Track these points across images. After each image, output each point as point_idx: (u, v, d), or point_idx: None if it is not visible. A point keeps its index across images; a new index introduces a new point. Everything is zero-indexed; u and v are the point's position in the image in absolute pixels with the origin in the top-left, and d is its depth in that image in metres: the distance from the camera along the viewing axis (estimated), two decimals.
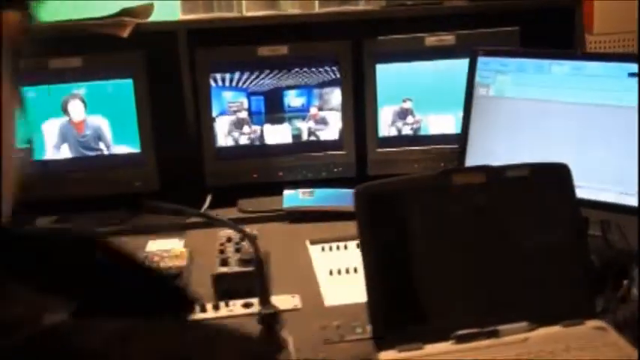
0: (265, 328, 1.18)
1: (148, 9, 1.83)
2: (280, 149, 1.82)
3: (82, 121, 1.74)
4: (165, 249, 1.61)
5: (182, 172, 1.82)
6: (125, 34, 1.61)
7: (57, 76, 1.71)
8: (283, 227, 1.71)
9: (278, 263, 1.52)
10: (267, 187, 1.82)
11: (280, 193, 1.80)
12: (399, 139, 1.80)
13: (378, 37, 1.74)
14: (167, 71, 1.76)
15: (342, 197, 1.75)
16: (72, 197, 1.78)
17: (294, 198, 1.78)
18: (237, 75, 1.76)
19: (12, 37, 0.48)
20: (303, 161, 1.82)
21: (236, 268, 1.38)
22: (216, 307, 1.33)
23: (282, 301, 1.33)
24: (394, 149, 1.81)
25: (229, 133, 1.80)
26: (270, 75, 1.77)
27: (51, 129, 1.74)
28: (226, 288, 1.36)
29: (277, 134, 1.81)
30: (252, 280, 1.29)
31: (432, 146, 1.78)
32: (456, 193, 1.18)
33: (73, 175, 1.77)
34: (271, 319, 1.20)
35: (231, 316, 1.30)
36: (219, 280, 1.37)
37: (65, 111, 1.73)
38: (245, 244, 1.49)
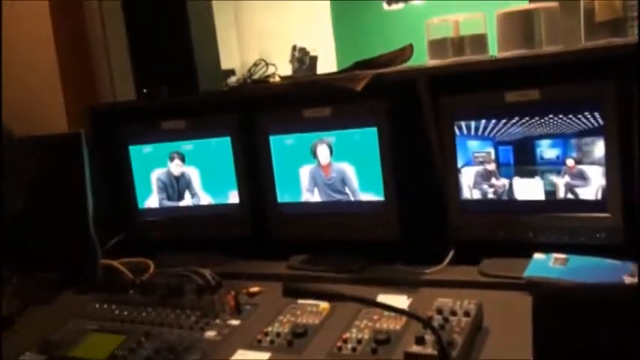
0: None
1: (404, 53, 1.78)
2: (531, 206, 1.59)
3: (328, 165, 1.79)
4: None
5: (424, 224, 1.73)
6: (359, 87, 1.59)
7: (309, 124, 1.79)
8: (521, 299, 1.49)
9: (492, 344, 1.35)
10: (516, 246, 1.62)
11: (530, 255, 1.59)
12: None
13: None
14: (411, 120, 1.69)
15: (602, 270, 1.47)
16: (322, 238, 1.85)
17: (542, 265, 1.55)
18: (483, 123, 1.60)
19: None
20: (558, 222, 1.56)
21: (429, 351, 1.25)
22: None
23: None
24: None
25: (475, 185, 1.65)
26: (520, 123, 1.56)
27: (305, 173, 1.83)
28: None
29: (528, 189, 1.59)
30: None
31: None
32: None
33: (323, 218, 1.83)
34: None
35: None
36: (408, 359, 1.27)
37: (314, 155, 1.80)
38: (456, 318, 1.36)
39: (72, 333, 1.69)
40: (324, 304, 1.60)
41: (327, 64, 4.10)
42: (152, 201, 2.10)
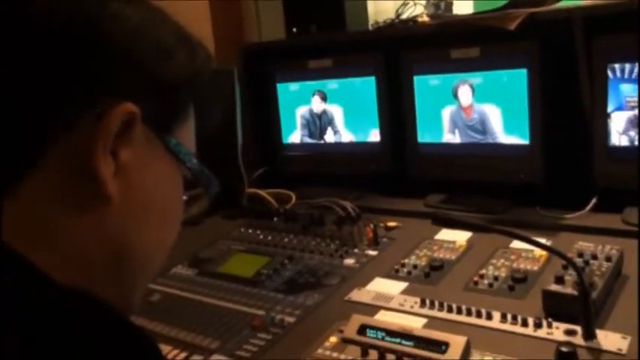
0: None
1: None
2: None
3: (469, 106, 1.79)
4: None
5: (569, 169, 1.70)
6: (513, 26, 1.57)
7: (455, 65, 1.79)
8: None
9: (629, 291, 1.32)
10: None
11: None
12: None
13: None
14: (563, 61, 1.64)
15: None
16: (460, 179, 1.87)
17: None
18: (638, 66, 1.53)
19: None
20: None
21: (568, 290, 1.25)
22: (537, 325, 1.25)
23: (609, 339, 1.17)
24: None
25: (624, 131, 1.59)
26: None
27: (447, 114, 1.84)
28: (553, 308, 1.26)
29: None
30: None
31: None
32: None
33: (462, 160, 1.84)
34: (568, 358, 1.08)
35: (546, 339, 1.21)
36: (547, 297, 1.28)
37: (455, 96, 1.81)
38: (597, 262, 1.35)
39: (220, 252, 1.83)
40: (460, 242, 1.63)
41: (463, 9, 4.01)
42: (295, 136, 2.20)
